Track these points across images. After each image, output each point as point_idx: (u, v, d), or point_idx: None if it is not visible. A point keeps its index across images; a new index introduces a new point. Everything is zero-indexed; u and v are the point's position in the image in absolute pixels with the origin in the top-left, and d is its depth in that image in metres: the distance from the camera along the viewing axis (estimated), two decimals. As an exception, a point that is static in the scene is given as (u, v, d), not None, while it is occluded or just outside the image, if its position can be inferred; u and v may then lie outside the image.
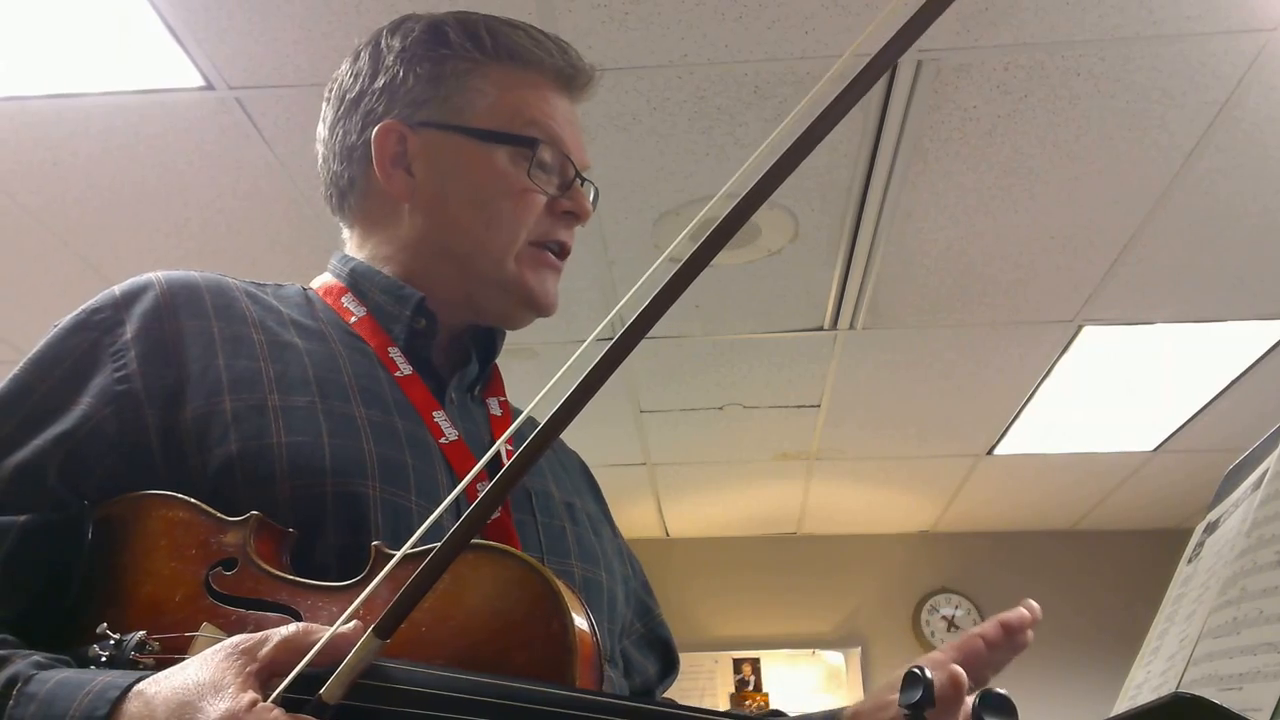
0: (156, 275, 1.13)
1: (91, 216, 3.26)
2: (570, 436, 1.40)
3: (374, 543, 0.94)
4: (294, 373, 1.11)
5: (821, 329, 4.08)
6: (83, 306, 1.10)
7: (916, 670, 0.77)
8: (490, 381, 1.32)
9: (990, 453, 5.44)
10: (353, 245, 1.31)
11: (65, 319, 1.10)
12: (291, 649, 0.81)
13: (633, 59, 2.64)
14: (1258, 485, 0.96)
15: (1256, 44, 2.63)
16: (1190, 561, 1.09)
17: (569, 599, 0.88)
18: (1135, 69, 2.72)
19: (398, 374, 1.19)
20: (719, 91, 2.79)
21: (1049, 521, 6.52)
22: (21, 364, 1.07)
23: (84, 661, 0.88)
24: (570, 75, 1.28)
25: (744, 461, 5.55)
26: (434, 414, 1.18)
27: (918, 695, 0.77)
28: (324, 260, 3.70)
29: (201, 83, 2.70)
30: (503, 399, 1.32)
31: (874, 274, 3.65)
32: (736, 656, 6.53)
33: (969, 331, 4.13)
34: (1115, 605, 6.13)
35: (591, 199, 1.31)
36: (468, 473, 1.07)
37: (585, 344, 0.81)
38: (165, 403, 1.04)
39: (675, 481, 5.81)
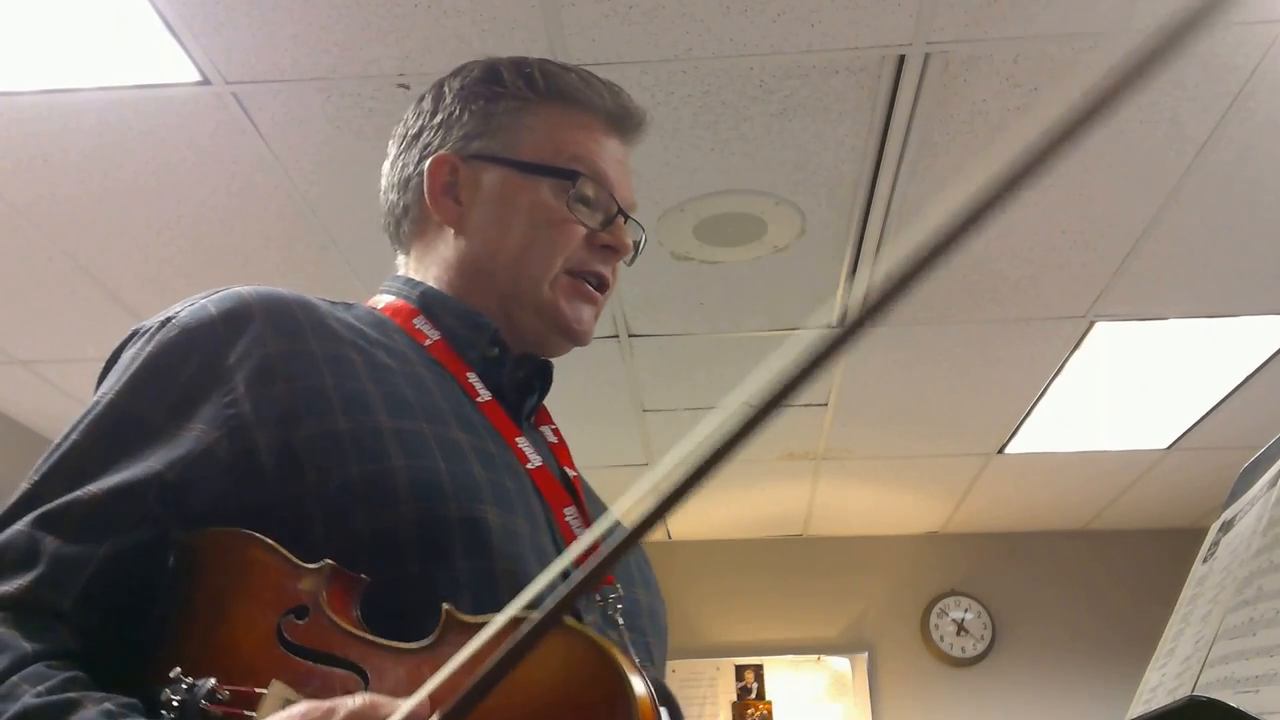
0: (246, 292, 1.12)
1: (81, 213, 3.23)
2: (571, 436, 1.40)
3: (445, 606, 0.92)
4: (397, 394, 1.12)
5: (829, 326, 4.02)
6: (176, 323, 1.09)
7: None
8: (539, 409, 1.37)
9: (1001, 452, 5.40)
10: (408, 270, 1.36)
11: (158, 337, 1.09)
12: None
13: (636, 53, 2.62)
14: (1274, 483, 0.96)
15: (1270, 35, 2.60)
16: (1205, 561, 1.08)
17: (634, 684, 0.86)
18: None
19: (478, 399, 1.22)
20: (723, 86, 2.76)
21: (1061, 521, 6.48)
22: (119, 386, 1.06)
23: (154, 705, 0.87)
24: (620, 117, 1.35)
25: (749, 461, 5.51)
26: (517, 440, 1.21)
27: None
28: (317, 257, 3.69)
29: (198, 78, 2.67)
30: (554, 426, 1.37)
31: (882, 270, 3.60)
32: (739, 663, 6.42)
33: (979, 328, 4.10)
34: (1129, 606, 6.10)
35: (641, 241, 1.39)
36: (553, 498, 1.18)
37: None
38: (275, 423, 1.04)
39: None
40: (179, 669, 0.88)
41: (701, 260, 3.58)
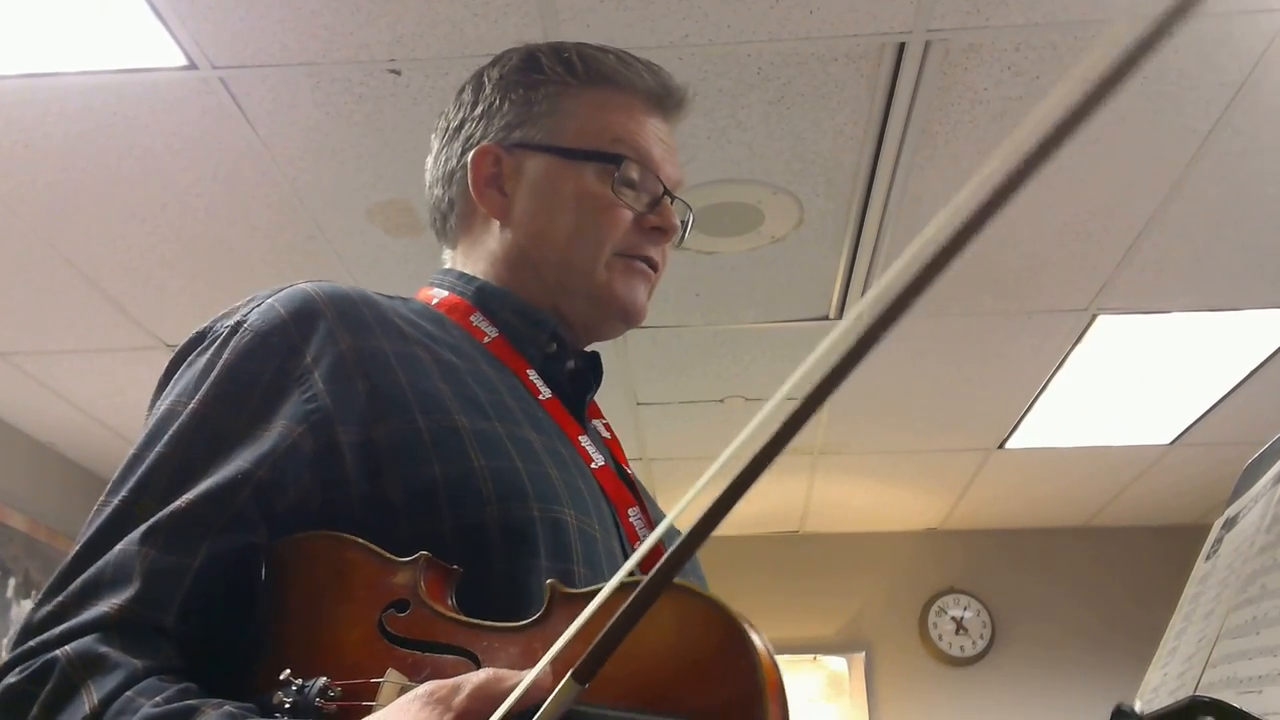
0: (311, 289, 1.12)
1: (63, 201, 3.21)
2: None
3: (548, 581, 0.93)
4: (468, 394, 1.13)
5: (827, 318, 4.04)
6: (249, 328, 1.09)
7: (1125, 708, 0.75)
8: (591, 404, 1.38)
9: (1001, 447, 5.39)
10: (455, 264, 1.36)
11: (233, 343, 1.08)
12: (485, 696, 0.82)
13: (632, 40, 2.59)
14: (1278, 480, 0.95)
15: (1274, 24, 2.59)
16: (1208, 559, 1.08)
17: (753, 634, 0.87)
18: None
19: (540, 397, 1.23)
20: (721, 73, 2.75)
21: (1062, 518, 6.47)
22: (202, 395, 1.06)
23: (268, 709, 0.89)
24: (661, 95, 1.34)
25: (744, 457, 5.49)
26: (580, 438, 1.22)
27: None
28: (304, 246, 3.66)
29: (184, 62, 2.65)
30: (605, 421, 1.37)
31: (880, 262, 3.61)
32: (733, 664, 6.44)
33: (979, 321, 4.08)
34: (1130, 604, 6.09)
35: (688, 220, 1.39)
36: (618, 499, 1.20)
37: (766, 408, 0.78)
38: (356, 420, 1.05)
39: (672, 477, 5.76)
40: (288, 671, 0.89)
41: (697, 250, 3.56)
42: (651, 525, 1.22)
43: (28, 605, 4.81)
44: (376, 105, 2.80)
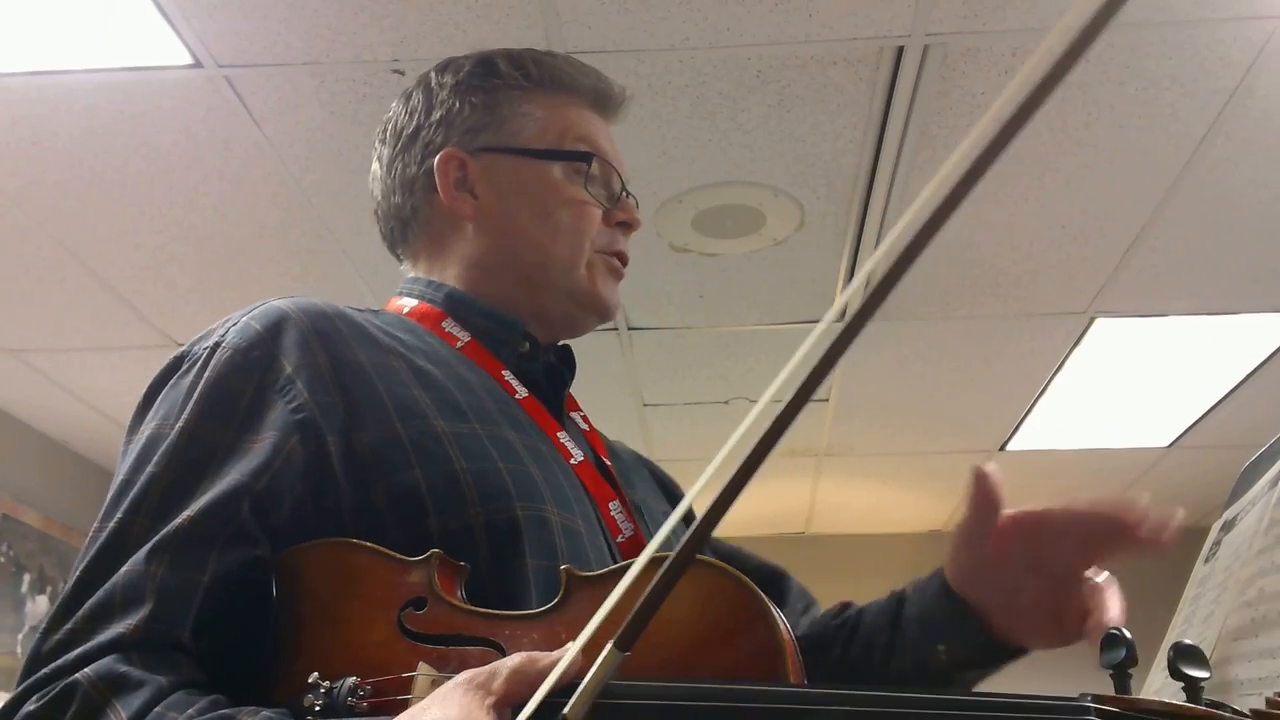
0: (285, 304, 1.12)
1: (71, 199, 3.20)
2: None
3: (563, 566, 0.95)
4: (446, 398, 1.13)
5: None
6: (228, 346, 1.09)
7: (1116, 631, 0.76)
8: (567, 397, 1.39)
9: (1002, 449, 5.40)
10: (419, 272, 1.35)
11: (213, 362, 1.08)
12: (522, 678, 0.83)
13: (633, 42, 2.61)
14: (1275, 482, 0.97)
15: (1266, 31, 2.60)
16: (1207, 561, 1.07)
17: (767, 600, 0.90)
18: (1145, 56, 2.68)
19: (517, 396, 1.23)
20: (721, 76, 2.75)
21: (1061, 519, 6.46)
22: (188, 414, 1.05)
23: (300, 713, 0.88)
24: (607, 96, 1.38)
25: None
26: (558, 435, 1.23)
27: (1121, 655, 0.75)
28: (312, 245, 3.64)
29: (190, 60, 2.65)
30: (583, 413, 1.38)
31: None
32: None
33: (979, 324, 4.09)
34: (1130, 606, 6.01)
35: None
36: (598, 493, 1.21)
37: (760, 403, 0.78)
38: (341, 429, 1.05)
39: (679, 478, 5.67)
40: (316, 674, 0.89)
41: (700, 252, 3.56)
42: (632, 517, 1.23)
43: (42, 600, 4.79)
44: (380, 105, 2.79)
